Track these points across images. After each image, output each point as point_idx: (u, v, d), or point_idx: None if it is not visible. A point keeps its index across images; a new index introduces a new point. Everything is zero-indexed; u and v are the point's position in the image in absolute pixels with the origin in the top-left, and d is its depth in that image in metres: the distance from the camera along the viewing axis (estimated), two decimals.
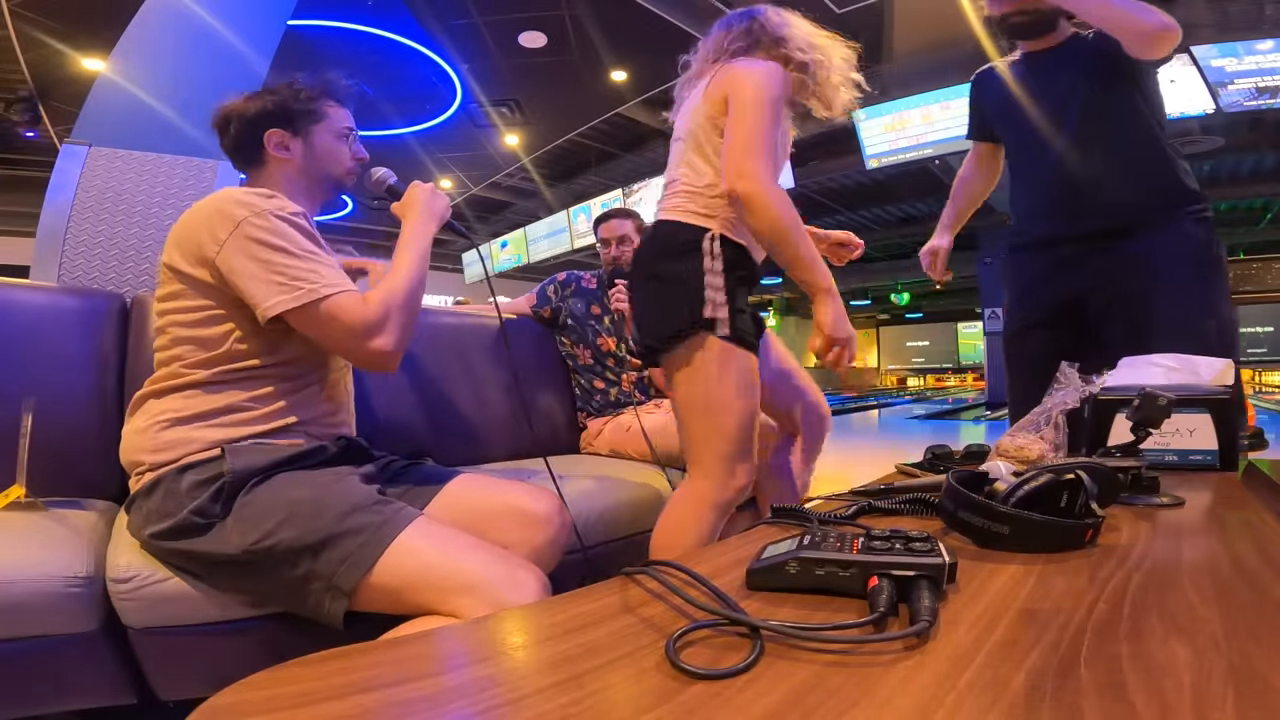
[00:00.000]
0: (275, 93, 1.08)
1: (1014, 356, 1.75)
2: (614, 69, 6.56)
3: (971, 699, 0.34)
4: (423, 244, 1.06)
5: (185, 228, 0.96)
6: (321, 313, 0.92)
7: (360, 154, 1.15)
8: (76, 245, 1.91)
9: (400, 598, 0.82)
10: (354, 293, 0.95)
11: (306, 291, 0.91)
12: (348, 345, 0.94)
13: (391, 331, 0.95)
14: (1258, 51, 5.52)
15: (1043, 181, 1.62)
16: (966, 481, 0.68)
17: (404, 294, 0.99)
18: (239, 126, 1.07)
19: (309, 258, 0.94)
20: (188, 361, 0.95)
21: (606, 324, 2.01)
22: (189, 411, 0.94)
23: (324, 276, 0.93)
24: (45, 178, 2.01)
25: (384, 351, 0.95)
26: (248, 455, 0.91)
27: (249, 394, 0.96)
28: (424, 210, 1.10)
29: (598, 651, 0.42)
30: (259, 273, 0.90)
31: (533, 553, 0.97)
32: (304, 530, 0.83)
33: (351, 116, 1.15)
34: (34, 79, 6.11)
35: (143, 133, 2.16)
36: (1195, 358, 1.13)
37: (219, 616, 0.88)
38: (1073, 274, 1.58)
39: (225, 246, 0.91)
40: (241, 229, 0.92)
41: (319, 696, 0.36)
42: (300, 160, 1.08)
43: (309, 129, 1.08)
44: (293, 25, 3.50)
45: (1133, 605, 0.48)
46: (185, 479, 0.89)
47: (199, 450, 0.92)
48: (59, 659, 0.83)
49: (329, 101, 1.11)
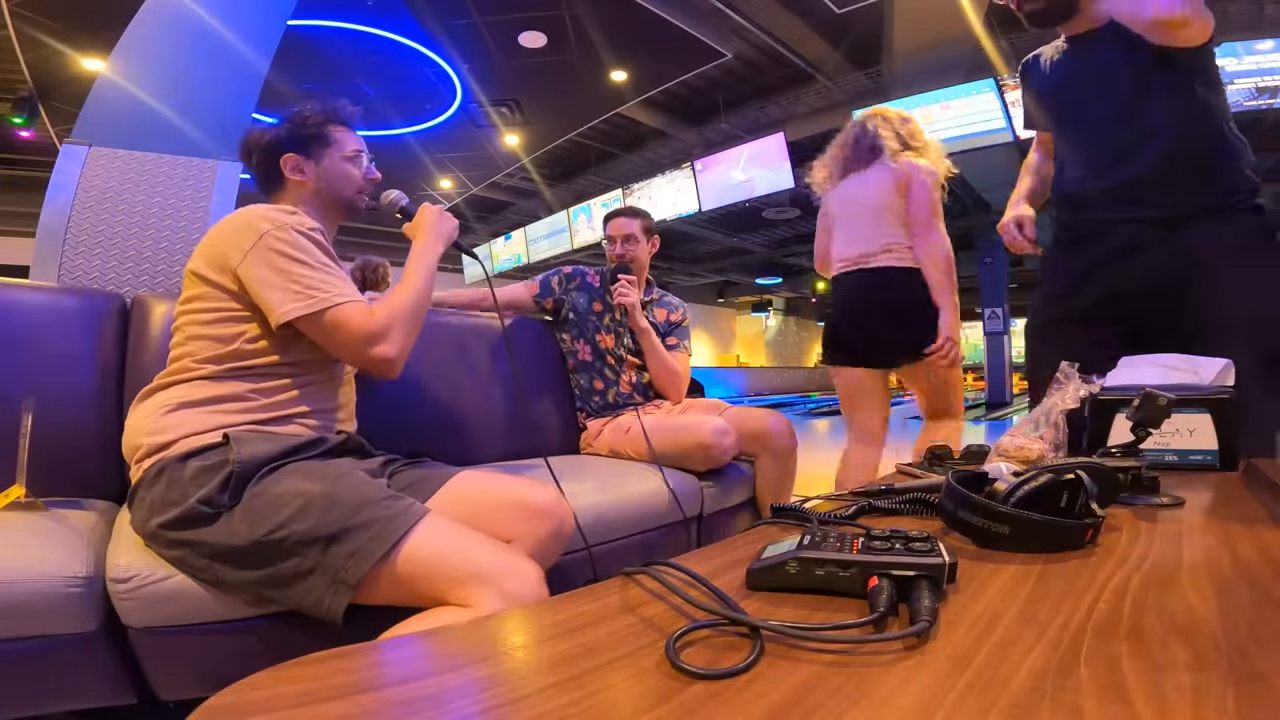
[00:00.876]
0: (287, 121, 1.17)
1: (1043, 348, 1.64)
2: (614, 69, 6.56)
3: (971, 699, 0.34)
4: (429, 262, 1.15)
5: (212, 238, 1.04)
6: (330, 320, 1.00)
7: (372, 174, 1.23)
8: (76, 245, 1.92)
9: (411, 588, 0.83)
10: (361, 303, 1.03)
11: (318, 300, 0.99)
12: (352, 351, 1.02)
13: (394, 341, 1.04)
14: (1258, 51, 5.53)
15: (1088, 164, 1.52)
16: (966, 481, 0.68)
17: (409, 307, 1.07)
18: (258, 155, 1.16)
19: (323, 269, 1.02)
20: (198, 357, 1.00)
21: (607, 322, 2.00)
22: (193, 398, 0.98)
23: (335, 287, 1.01)
24: (45, 178, 2.01)
25: (386, 358, 1.03)
26: (253, 444, 0.93)
27: (254, 385, 1.01)
28: (432, 231, 1.19)
29: (598, 651, 0.42)
30: (277, 281, 0.98)
31: (536, 545, 0.98)
32: (318, 523, 0.84)
33: (362, 140, 1.23)
34: (34, 79, 6.12)
35: (143, 133, 2.17)
36: (1195, 358, 1.13)
37: (219, 616, 0.88)
38: (1121, 266, 1.48)
39: (248, 256, 0.99)
40: (264, 240, 1.00)
41: (320, 696, 0.36)
42: (314, 183, 1.17)
43: (320, 153, 1.17)
44: (293, 25, 3.51)
45: (1133, 605, 0.48)
46: (189, 466, 0.90)
47: (199, 433, 0.94)
48: (59, 659, 0.83)
49: (336, 125, 1.19)
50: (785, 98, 7.78)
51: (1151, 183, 1.43)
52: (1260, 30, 5.59)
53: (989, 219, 10.29)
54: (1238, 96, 5.62)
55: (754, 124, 8.22)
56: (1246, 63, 5.55)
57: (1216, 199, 1.40)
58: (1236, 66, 5.57)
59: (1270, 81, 5.53)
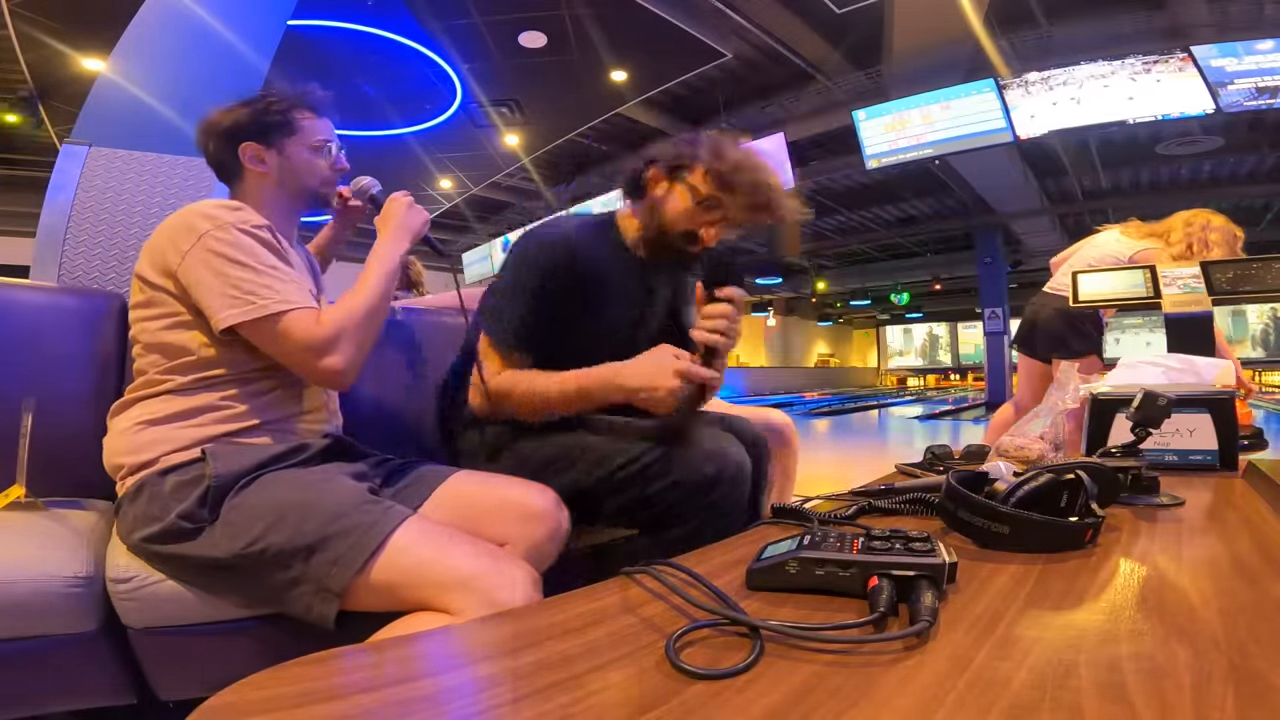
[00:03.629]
0: (248, 105, 1.08)
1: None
2: (614, 69, 6.56)
3: (971, 699, 0.34)
4: (390, 263, 1.06)
5: (155, 239, 0.98)
6: (272, 328, 0.93)
7: (340, 164, 1.14)
8: (76, 245, 1.91)
9: (394, 595, 0.81)
10: (308, 310, 0.95)
11: (258, 306, 0.92)
12: (297, 360, 0.95)
13: (342, 351, 0.96)
14: (1258, 51, 5.52)
15: None
16: (966, 481, 0.68)
17: (361, 314, 0.99)
18: (215, 142, 1.07)
19: (268, 273, 0.95)
20: (161, 368, 0.97)
21: None
22: (163, 413, 0.95)
23: (279, 292, 0.94)
24: (45, 178, 2.01)
25: (334, 371, 0.95)
26: (229, 457, 0.91)
27: (222, 394, 0.97)
28: (398, 226, 1.10)
29: (598, 651, 0.42)
30: (215, 285, 0.92)
31: (532, 548, 0.97)
32: (293, 533, 0.83)
33: (331, 127, 1.14)
34: (34, 79, 6.12)
35: (143, 133, 2.17)
36: (1195, 358, 1.13)
37: (219, 617, 0.88)
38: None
39: (187, 258, 0.93)
40: (203, 241, 0.93)
41: (319, 696, 0.36)
42: (276, 173, 1.08)
43: (282, 142, 1.08)
44: (293, 25, 3.50)
45: (1133, 605, 0.48)
46: (168, 481, 0.89)
47: (177, 450, 0.92)
48: (59, 659, 0.83)
49: (303, 113, 1.10)
50: (785, 98, 7.78)
51: None
52: (1260, 30, 5.59)
53: (989, 219, 10.31)
54: (1238, 96, 5.62)
55: (754, 124, 8.22)
56: (1246, 63, 5.54)
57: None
58: (1236, 66, 5.57)
59: (1270, 81, 5.52)
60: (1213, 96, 5.63)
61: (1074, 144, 7.94)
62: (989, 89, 6.38)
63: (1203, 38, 5.69)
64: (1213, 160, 8.62)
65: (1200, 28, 5.82)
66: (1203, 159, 8.46)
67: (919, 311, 20.35)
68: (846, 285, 16.21)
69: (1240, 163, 8.81)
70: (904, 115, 6.84)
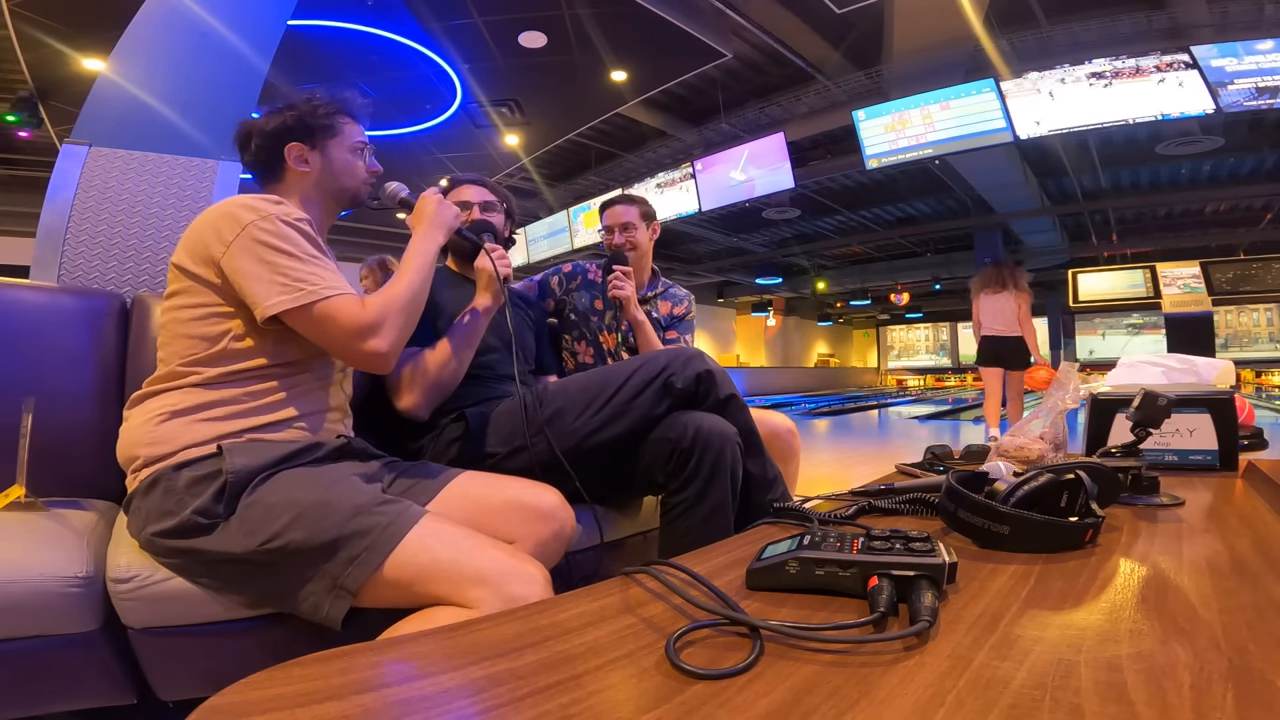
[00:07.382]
0: (294, 108, 1.12)
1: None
2: (614, 69, 6.55)
3: (971, 699, 0.34)
4: (426, 254, 1.12)
5: (195, 229, 1.00)
6: (319, 313, 0.95)
7: (374, 167, 1.20)
8: (76, 245, 1.91)
9: (409, 591, 0.82)
10: (351, 296, 0.99)
11: (306, 292, 0.94)
12: (343, 345, 0.98)
13: (386, 335, 0.99)
14: (1258, 51, 5.52)
15: None
16: (966, 481, 0.68)
17: (402, 300, 1.03)
18: (260, 142, 1.11)
19: (311, 261, 0.98)
20: (186, 360, 0.98)
21: (609, 320, 1.95)
22: (185, 405, 0.95)
23: (324, 279, 0.97)
24: (45, 178, 2.01)
25: (378, 353, 0.99)
26: (246, 453, 0.92)
27: (245, 389, 0.98)
28: (430, 221, 1.16)
29: (598, 651, 0.42)
30: (262, 273, 0.94)
31: (539, 547, 0.98)
32: (312, 531, 0.83)
33: (364, 132, 1.20)
34: (34, 79, 6.11)
35: (143, 133, 2.17)
36: (1195, 358, 1.13)
37: (219, 616, 0.88)
38: None
39: (231, 248, 0.95)
40: (248, 231, 0.95)
41: (319, 696, 0.36)
42: (318, 174, 1.13)
43: (325, 143, 1.13)
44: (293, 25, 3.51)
45: (1133, 605, 0.48)
46: (183, 475, 0.90)
47: (195, 445, 0.93)
48: (59, 659, 0.83)
49: (344, 117, 1.16)
50: (785, 98, 7.78)
51: None
52: (1260, 30, 5.59)
53: (989, 219, 10.30)
54: (1238, 96, 5.62)
55: (754, 124, 8.22)
56: (1246, 63, 5.54)
57: None
58: (1236, 66, 5.56)
59: (1270, 81, 5.52)
60: (1213, 96, 5.62)
61: (1074, 144, 7.93)
62: (989, 89, 6.38)
63: (1203, 38, 5.68)
64: (1213, 160, 8.62)
65: (1200, 28, 5.82)
66: (1203, 159, 8.46)
67: (919, 311, 20.36)
68: (846, 285, 16.22)
69: (1240, 163, 8.80)
70: (904, 115, 6.83)
